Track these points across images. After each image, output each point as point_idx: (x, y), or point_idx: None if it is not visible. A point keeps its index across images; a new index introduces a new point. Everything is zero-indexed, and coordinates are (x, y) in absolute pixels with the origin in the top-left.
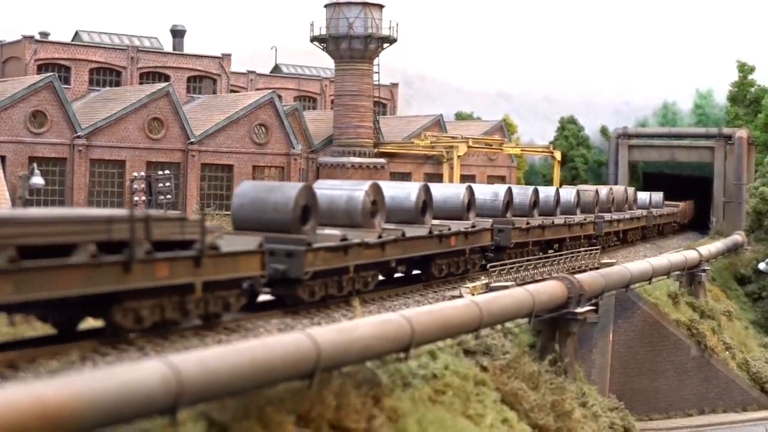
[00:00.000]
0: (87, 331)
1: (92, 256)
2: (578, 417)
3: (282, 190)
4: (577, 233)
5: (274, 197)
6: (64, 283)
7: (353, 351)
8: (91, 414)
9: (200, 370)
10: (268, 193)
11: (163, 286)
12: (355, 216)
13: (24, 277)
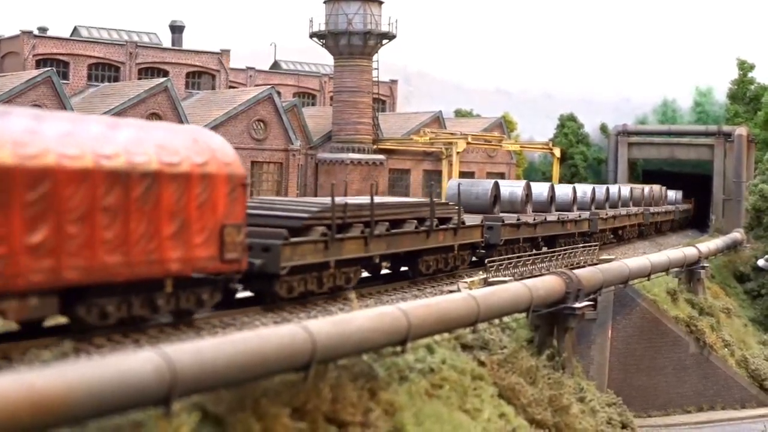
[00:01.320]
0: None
1: (414, 227)
2: (576, 412)
3: (481, 184)
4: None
5: (475, 190)
6: (404, 243)
7: (349, 343)
8: (83, 404)
9: (194, 360)
10: (470, 187)
11: (441, 246)
12: (515, 204)
13: (390, 239)
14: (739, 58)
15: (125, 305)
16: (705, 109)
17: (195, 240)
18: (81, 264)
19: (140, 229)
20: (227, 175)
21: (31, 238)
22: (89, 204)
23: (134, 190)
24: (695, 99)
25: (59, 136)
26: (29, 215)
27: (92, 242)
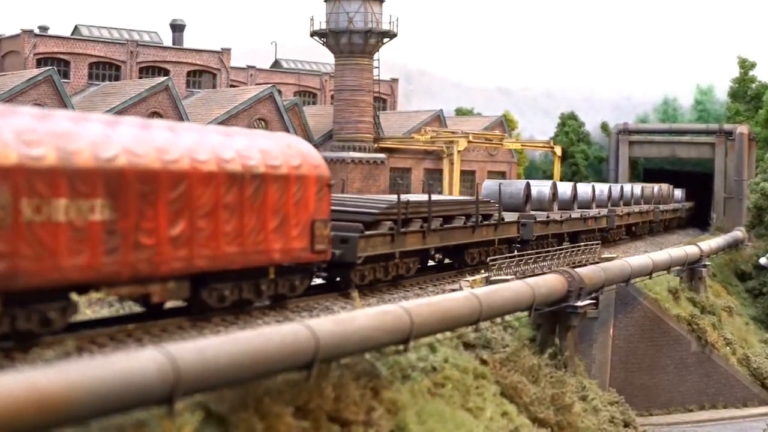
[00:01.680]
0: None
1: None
2: (578, 411)
3: (514, 185)
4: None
5: (510, 189)
6: (455, 237)
7: (352, 342)
8: (86, 403)
9: (197, 359)
10: (505, 187)
11: (484, 241)
12: (543, 203)
13: (443, 233)
14: (740, 56)
15: (237, 290)
16: (706, 108)
17: (292, 233)
18: (207, 253)
19: (251, 224)
20: (316, 176)
21: (171, 231)
22: (214, 202)
23: (247, 189)
24: (696, 97)
25: (191, 144)
26: (170, 211)
27: (216, 235)
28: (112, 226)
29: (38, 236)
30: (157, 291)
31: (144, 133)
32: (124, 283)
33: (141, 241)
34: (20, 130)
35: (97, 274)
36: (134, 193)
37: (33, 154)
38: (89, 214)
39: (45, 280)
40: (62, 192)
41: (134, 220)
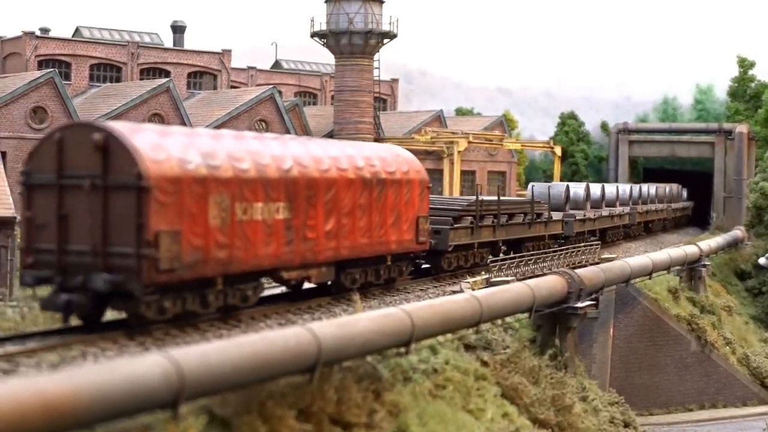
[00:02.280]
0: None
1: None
2: (579, 411)
3: (557, 187)
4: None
5: (553, 191)
6: (516, 232)
7: (354, 345)
8: (92, 408)
9: (201, 364)
10: (548, 189)
11: (537, 236)
12: (578, 203)
13: (508, 228)
14: (739, 56)
15: (364, 274)
16: (705, 107)
17: (403, 227)
18: (348, 244)
19: (377, 220)
20: (419, 180)
21: (326, 226)
22: (353, 203)
23: (374, 192)
24: (696, 97)
25: (336, 155)
26: (325, 211)
27: (353, 229)
28: (289, 223)
29: (245, 232)
30: (315, 274)
31: (305, 146)
32: (294, 268)
33: (307, 235)
34: (230, 150)
35: (279, 261)
36: (303, 197)
37: (242, 168)
38: (275, 214)
39: (248, 266)
40: (259, 197)
41: (303, 219)
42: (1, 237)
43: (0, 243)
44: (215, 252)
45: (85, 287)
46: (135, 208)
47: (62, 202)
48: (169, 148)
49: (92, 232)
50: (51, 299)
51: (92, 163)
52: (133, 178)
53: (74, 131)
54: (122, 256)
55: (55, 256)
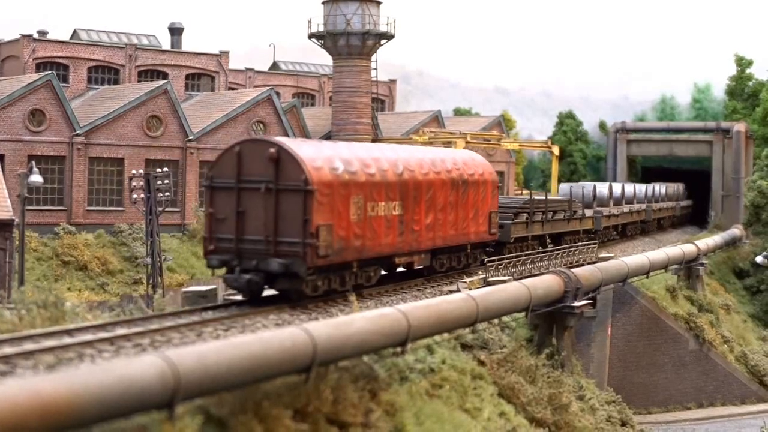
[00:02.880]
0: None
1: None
2: (575, 410)
3: (585, 186)
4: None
5: (584, 191)
6: (558, 227)
7: (350, 345)
8: (88, 409)
9: (197, 364)
10: (578, 188)
11: (574, 230)
12: (603, 201)
13: (552, 223)
14: (737, 54)
15: (449, 260)
16: (703, 106)
17: (480, 221)
18: (441, 235)
19: (461, 215)
20: (491, 180)
21: (426, 220)
22: (444, 200)
23: (459, 191)
24: (693, 95)
25: (431, 160)
26: (426, 208)
27: (445, 223)
28: (402, 218)
29: (373, 225)
30: (417, 260)
31: (410, 153)
32: (404, 255)
33: (414, 227)
34: (361, 157)
35: (394, 248)
36: (411, 196)
37: (370, 173)
38: (392, 211)
39: (374, 252)
40: (382, 197)
41: (411, 214)
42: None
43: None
44: (353, 241)
45: (258, 269)
46: (302, 206)
47: (240, 201)
48: (323, 158)
49: (266, 226)
50: (234, 278)
51: (267, 170)
52: (301, 183)
53: (251, 145)
54: (290, 244)
55: (233, 244)
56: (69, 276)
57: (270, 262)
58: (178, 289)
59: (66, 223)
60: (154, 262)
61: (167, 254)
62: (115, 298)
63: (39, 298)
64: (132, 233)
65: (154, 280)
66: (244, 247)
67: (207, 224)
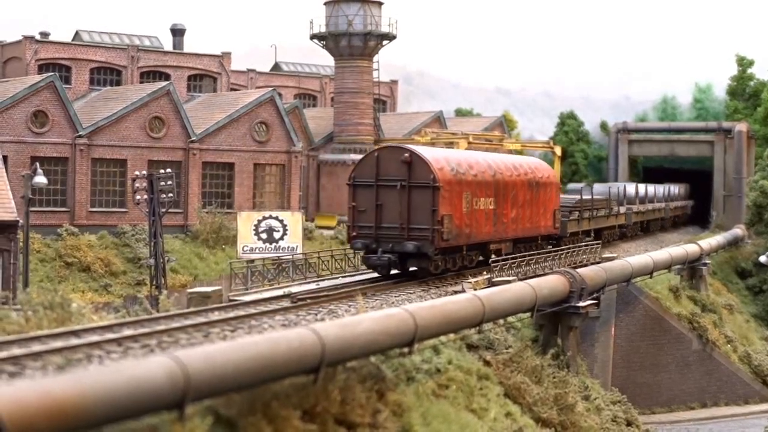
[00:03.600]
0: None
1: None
2: (581, 410)
3: (617, 186)
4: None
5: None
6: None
7: (357, 346)
8: (98, 410)
9: (206, 365)
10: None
11: (611, 225)
12: (631, 199)
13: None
14: (738, 54)
15: (525, 248)
16: (705, 106)
17: (547, 216)
18: (521, 227)
19: (534, 211)
20: (555, 183)
21: (511, 214)
22: (523, 199)
23: (533, 191)
24: (695, 95)
25: (512, 164)
26: (510, 204)
27: (523, 217)
28: (495, 212)
29: (476, 217)
30: (504, 247)
31: (499, 159)
32: (496, 242)
33: (503, 220)
34: (467, 161)
35: (489, 237)
36: (501, 194)
37: (474, 174)
38: (489, 206)
39: (476, 239)
40: (482, 194)
41: (501, 209)
42: (3, 240)
43: (2, 246)
44: (464, 229)
45: (393, 251)
46: (430, 199)
47: (378, 196)
48: (443, 160)
49: (400, 215)
50: (377, 258)
51: (401, 171)
52: (430, 180)
53: (387, 151)
54: (420, 230)
55: (373, 231)
56: (72, 277)
57: (405, 244)
58: (181, 290)
59: (69, 225)
60: (157, 263)
61: (170, 255)
62: (118, 299)
63: (45, 299)
64: (135, 234)
65: (157, 281)
66: (382, 233)
67: (350, 215)
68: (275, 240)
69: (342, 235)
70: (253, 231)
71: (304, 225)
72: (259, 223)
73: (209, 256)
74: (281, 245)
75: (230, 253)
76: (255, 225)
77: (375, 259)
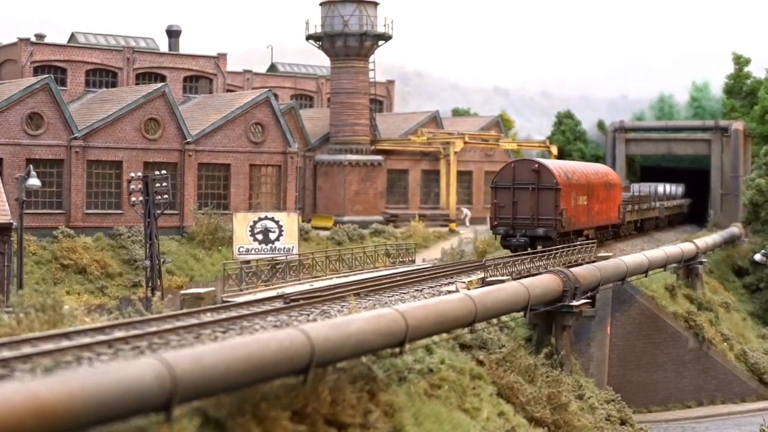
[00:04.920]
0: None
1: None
2: (575, 409)
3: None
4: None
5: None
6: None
7: (347, 346)
8: (86, 412)
9: (194, 366)
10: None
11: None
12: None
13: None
14: (734, 53)
15: (602, 234)
16: (702, 104)
17: (615, 209)
18: (600, 218)
19: (608, 205)
20: (619, 184)
21: (595, 208)
22: (601, 196)
23: (606, 190)
24: (692, 94)
25: (594, 170)
26: (595, 200)
27: (601, 210)
28: (587, 207)
29: (578, 210)
30: (590, 233)
31: (589, 166)
32: (587, 230)
33: (591, 212)
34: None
35: (585, 225)
36: (590, 193)
37: (576, 178)
38: (584, 202)
39: (577, 227)
40: (581, 193)
41: (590, 204)
42: None
43: None
44: (572, 219)
45: (525, 235)
46: (553, 198)
47: (514, 195)
48: (560, 169)
49: (531, 209)
50: (513, 240)
51: (531, 177)
52: (553, 184)
53: (521, 163)
54: (546, 220)
55: (509, 221)
56: (68, 279)
57: (536, 230)
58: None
59: (65, 227)
60: (153, 265)
61: (166, 257)
62: (114, 301)
63: (37, 301)
64: (131, 236)
65: (153, 283)
66: (517, 222)
67: (493, 209)
68: (271, 241)
69: (338, 235)
70: (249, 232)
71: (300, 226)
72: (254, 224)
73: (205, 257)
74: (277, 246)
75: (226, 255)
76: (251, 226)
77: (514, 241)
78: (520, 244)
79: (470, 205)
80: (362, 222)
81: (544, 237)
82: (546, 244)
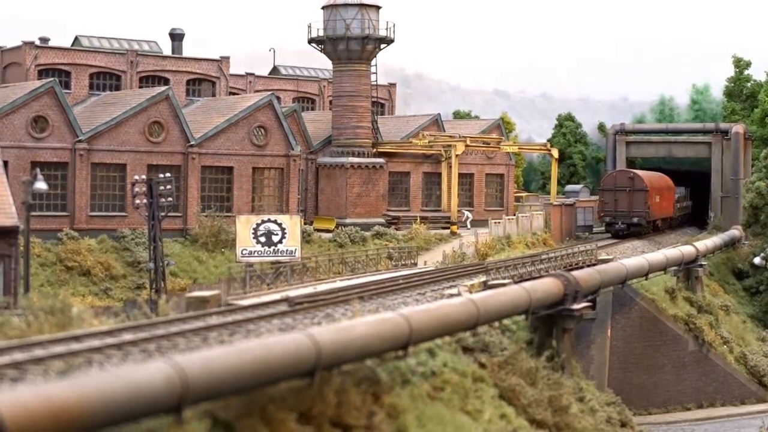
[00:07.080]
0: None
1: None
2: (575, 412)
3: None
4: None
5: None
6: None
7: (352, 349)
8: (98, 414)
9: (204, 369)
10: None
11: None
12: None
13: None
14: (735, 56)
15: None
16: (702, 107)
17: (671, 205)
18: (661, 212)
19: (667, 203)
20: (673, 187)
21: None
22: (663, 195)
23: (668, 191)
24: (692, 97)
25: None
26: (659, 198)
27: (662, 207)
28: (659, 203)
29: (656, 206)
30: (660, 222)
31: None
32: (657, 220)
33: (660, 207)
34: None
35: (657, 217)
36: (662, 194)
37: (653, 182)
38: (656, 200)
39: (655, 218)
40: (657, 194)
41: (661, 202)
42: (4, 246)
43: (3, 252)
44: (654, 212)
45: (624, 223)
46: (644, 197)
47: (615, 195)
48: (648, 176)
49: (627, 205)
50: (615, 227)
51: (627, 182)
52: (644, 187)
53: (619, 172)
54: (638, 212)
55: (612, 213)
56: (72, 281)
57: (632, 219)
58: (180, 294)
59: (69, 229)
60: (157, 267)
61: (170, 259)
62: (118, 303)
63: (46, 304)
64: (135, 238)
65: (156, 285)
66: (617, 214)
67: (600, 204)
68: (274, 243)
69: (340, 237)
70: (251, 234)
71: (303, 228)
72: (257, 227)
73: (208, 259)
74: (280, 248)
75: (229, 257)
76: (254, 228)
77: (616, 227)
78: (621, 229)
79: (471, 208)
80: (364, 224)
81: (637, 224)
82: (638, 229)
